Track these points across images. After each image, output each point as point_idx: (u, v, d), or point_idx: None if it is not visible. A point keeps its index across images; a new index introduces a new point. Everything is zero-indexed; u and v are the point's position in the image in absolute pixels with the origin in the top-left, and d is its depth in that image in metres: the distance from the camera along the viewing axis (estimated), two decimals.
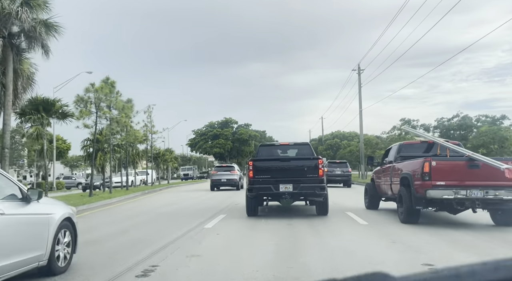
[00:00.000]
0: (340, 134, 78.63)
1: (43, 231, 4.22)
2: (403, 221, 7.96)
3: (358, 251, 5.41)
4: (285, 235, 6.71)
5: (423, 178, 7.28)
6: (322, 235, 6.84)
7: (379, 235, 6.73)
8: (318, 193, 8.63)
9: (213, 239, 6.55)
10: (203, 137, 78.83)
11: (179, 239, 6.59)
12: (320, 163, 8.79)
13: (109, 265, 4.74)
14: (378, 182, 10.37)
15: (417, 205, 7.54)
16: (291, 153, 10.75)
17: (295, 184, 8.60)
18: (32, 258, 4.04)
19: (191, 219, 9.22)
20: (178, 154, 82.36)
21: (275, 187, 8.64)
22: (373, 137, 48.72)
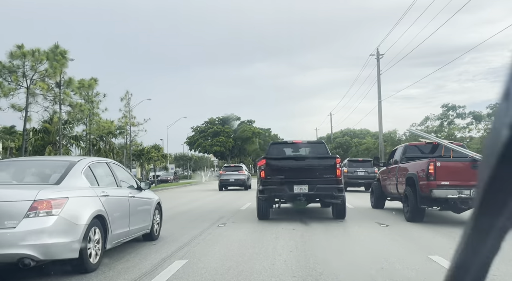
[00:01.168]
0: (350, 131, 74.22)
1: (149, 209, 6.37)
2: (409, 220, 8.36)
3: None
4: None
5: (428, 178, 7.71)
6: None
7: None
8: (335, 195, 8.35)
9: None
10: (202, 134, 74.15)
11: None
12: (337, 163, 8.51)
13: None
14: (384, 182, 10.83)
15: (422, 204, 7.97)
16: (304, 152, 10.33)
17: (310, 185, 8.27)
18: (144, 227, 6.08)
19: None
20: (178, 153, 78.41)
21: (289, 188, 8.31)
22: (393, 131, 45.22)
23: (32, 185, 4.37)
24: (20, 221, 3.82)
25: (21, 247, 3.76)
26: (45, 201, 3.94)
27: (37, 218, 3.87)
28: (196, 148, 74.42)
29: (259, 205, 8.80)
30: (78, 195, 4.35)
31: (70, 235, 4.06)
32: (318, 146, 10.26)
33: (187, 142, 75.55)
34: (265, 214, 8.80)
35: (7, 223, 3.80)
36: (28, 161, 5.63)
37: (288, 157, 9.32)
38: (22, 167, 5.10)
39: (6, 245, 3.74)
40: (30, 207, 3.87)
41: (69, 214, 4.09)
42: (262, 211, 8.78)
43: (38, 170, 4.94)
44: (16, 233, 3.77)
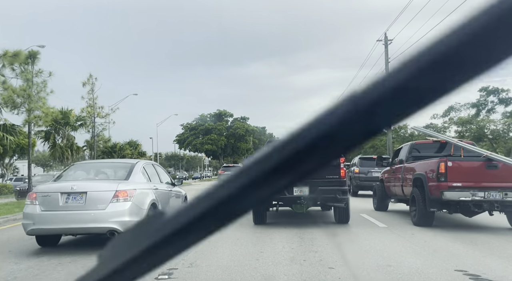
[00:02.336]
0: None
1: (180, 201, 8.44)
2: (417, 224, 8.31)
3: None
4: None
5: (439, 179, 7.60)
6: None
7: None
8: (339, 197, 8.22)
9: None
10: (193, 132, 74.04)
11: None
12: (341, 162, 8.44)
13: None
14: (388, 182, 10.85)
15: (432, 207, 7.89)
16: None
17: (312, 187, 8.15)
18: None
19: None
20: (170, 152, 79.53)
21: (288, 190, 7.87)
22: (403, 126, 44.50)
23: (112, 180, 6.52)
24: (107, 205, 5.97)
25: (110, 223, 5.91)
26: (123, 191, 6.09)
27: (118, 203, 6.02)
28: (186, 146, 74.30)
29: (254, 210, 8.46)
30: (141, 187, 6.52)
31: (138, 216, 6.20)
32: None
33: (176, 140, 75.48)
34: (261, 219, 8.74)
35: (99, 206, 5.95)
36: (99, 163, 7.83)
37: None
38: (96, 167, 7.28)
39: (100, 221, 5.89)
40: (113, 195, 6.02)
41: (138, 201, 6.25)
42: (258, 215, 8.68)
43: (108, 169, 7.11)
44: (106, 213, 5.92)
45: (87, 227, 5.92)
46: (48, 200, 5.97)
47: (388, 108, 0.37)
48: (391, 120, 0.38)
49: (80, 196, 5.95)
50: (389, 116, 0.38)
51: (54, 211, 5.93)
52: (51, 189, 6.07)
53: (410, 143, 10.66)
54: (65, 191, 5.99)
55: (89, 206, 5.91)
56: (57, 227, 5.94)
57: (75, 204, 5.94)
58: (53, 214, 5.91)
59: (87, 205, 5.91)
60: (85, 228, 5.94)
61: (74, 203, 5.94)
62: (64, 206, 5.94)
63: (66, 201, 5.95)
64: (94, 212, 5.89)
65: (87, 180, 6.52)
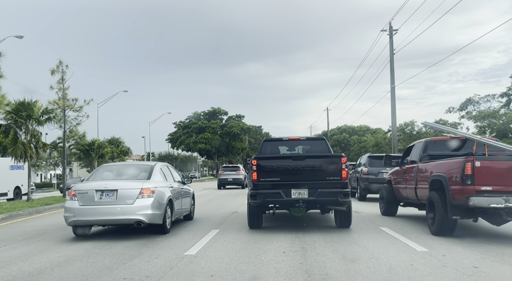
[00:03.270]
0: (348, 128, 77.99)
1: (189, 197, 10.46)
2: (435, 233, 7.70)
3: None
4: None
5: (464, 182, 6.87)
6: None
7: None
8: (341, 200, 8.01)
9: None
10: (186, 130, 74.28)
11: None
12: (343, 162, 8.18)
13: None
14: (398, 184, 10.39)
15: (454, 215, 7.21)
16: (303, 150, 10.28)
17: (311, 189, 8.01)
18: (187, 209, 10.15)
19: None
20: (163, 152, 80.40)
21: (286, 193, 8.05)
22: (410, 123, 43.74)
23: (137, 180, 8.21)
24: (135, 200, 7.67)
25: (137, 215, 7.61)
26: (147, 189, 7.79)
27: (143, 199, 7.71)
28: (179, 145, 74.53)
29: (250, 212, 8.62)
30: (161, 186, 8.23)
31: (159, 210, 7.91)
32: (319, 143, 10.11)
33: (169, 140, 75.94)
34: (257, 223, 8.69)
35: (128, 201, 7.65)
36: (122, 165, 9.59)
37: (285, 156, 8.90)
38: (119, 169, 9.00)
39: (129, 213, 7.59)
40: (139, 192, 7.72)
41: (158, 197, 7.95)
42: (253, 219, 8.64)
43: (131, 170, 8.82)
44: (134, 207, 7.62)
45: (118, 219, 7.64)
46: (85, 197, 7.69)
47: None
48: None
49: (112, 193, 7.67)
50: None
51: (90, 205, 7.64)
52: (88, 187, 7.78)
53: (425, 140, 9.78)
54: (99, 189, 7.71)
55: (119, 201, 7.63)
56: (93, 218, 7.65)
57: (108, 199, 7.65)
58: (90, 208, 7.63)
59: (118, 201, 7.63)
60: (117, 219, 7.66)
61: (107, 199, 7.65)
62: (98, 201, 7.65)
63: (100, 197, 7.67)
64: (123, 206, 7.61)
65: (117, 180, 8.24)
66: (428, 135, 40.35)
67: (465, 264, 5.42)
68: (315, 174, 8.11)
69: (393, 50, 28.80)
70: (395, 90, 29.01)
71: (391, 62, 28.84)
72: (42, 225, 10.50)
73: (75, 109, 22.05)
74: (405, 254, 6.02)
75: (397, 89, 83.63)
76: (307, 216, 10.38)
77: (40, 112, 19.47)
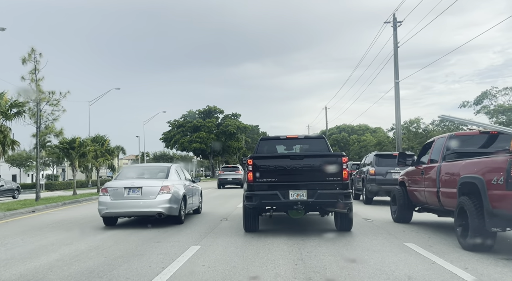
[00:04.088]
0: (347, 127, 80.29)
1: (198, 194, 13.02)
2: (468, 248, 6.74)
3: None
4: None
5: (510, 185, 5.91)
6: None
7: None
8: (342, 202, 8.02)
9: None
10: (180, 129, 75.72)
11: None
12: (344, 162, 8.16)
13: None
14: (413, 186, 9.65)
15: (494, 226, 6.27)
16: (301, 149, 10.45)
17: (310, 191, 8.03)
18: (196, 204, 12.54)
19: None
20: (158, 152, 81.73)
21: (284, 194, 8.06)
22: (416, 120, 44.01)
23: (157, 179, 10.39)
24: (156, 195, 9.85)
25: (158, 208, 9.79)
26: (165, 186, 9.97)
27: (163, 194, 9.89)
28: (173, 145, 75.98)
29: (246, 215, 8.67)
30: (177, 183, 10.42)
31: (176, 203, 10.10)
32: (318, 142, 10.16)
33: (163, 139, 77.38)
34: (253, 226, 8.75)
35: (151, 196, 9.83)
36: (143, 166, 11.82)
37: (282, 156, 8.94)
38: (141, 169, 11.21)
39: (151, 207, 9.77)
40: (160, 189, 9.90)
41: (175, 193, 10.14)
42: (249, 222, 8.71)
43: (151, 171, 11.02)
44: (156, 201, 9.81)
45: (143, 211, 9.83)
46: (116, 193, 9.87)
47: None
48: None
49: (138, 189, 9.85)
50: None
51: (120, 200, 9.83)
52: (118, 185, 9.96)
53: (448, 134, 8.89)
54: (127, 186, 9.89)
55: (144, 196, 9.81)
56: (123, 210, 9.84)
57: (134, 195, 9.83)
58: (120, 202, 9.81)
59: (143, 196, 9.81)
60: (142, 211, 9.85)
61: (134, 195, 9.83)
62: (126, 196, 9.83)
63: (128, 193, 9.85)
64: (147, 200, 9.79)
65: (141, 179, 10.44)
66: (436, 133, 40.23)
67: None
68: (314, 174, 8.11)
69: (397, 43, 28.47)
70: (399, 85, 28.66)
71: (395, 56, 28.58)
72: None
73: (51, 102, 20.98)
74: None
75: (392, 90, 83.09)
76: (306, 218, 10.62)
77: (8, 105, 18.44)
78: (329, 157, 8.47)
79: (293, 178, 8.15)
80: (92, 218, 11.94)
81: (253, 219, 8.72)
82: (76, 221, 12.06)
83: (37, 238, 8.88)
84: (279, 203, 8.17)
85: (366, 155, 18.38)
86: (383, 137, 54.19)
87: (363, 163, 17.87)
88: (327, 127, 68.20)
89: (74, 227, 10.66)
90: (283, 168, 8.22)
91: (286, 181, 8.13)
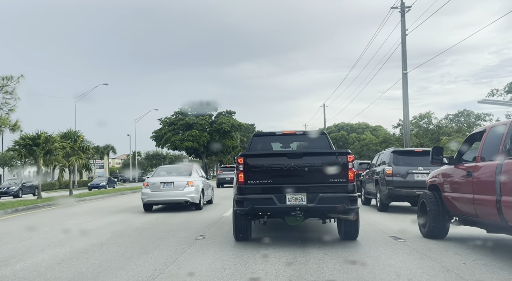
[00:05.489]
0: (346, 125, 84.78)
1: (211, 188, 18.73)
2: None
3: None
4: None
5: None
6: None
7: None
8: (347, 208, 7.62)
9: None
10: (171, 127, 76.83)
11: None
12: (350, 161, 7.78)
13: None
14: (453, 192, 8.26)
15: None
16: (300, 147, 10.35)
17: (310, 194, 7.66)
18: (209, 196, 18.18)
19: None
20: (151, 151, 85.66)
21: (280, 198, 7.68)
22: (427, 114, 44.92)
23: (183, 176, 15.47)
24: (184, 188, 14.94)
25: (185, 197, 14.93)
26: (190, 181, 15.08)
27: (189, 187, 14.99)
28: (164, 144, 77.14)
29: (236, 222, 8.35)
30: (198, 179, 15.56)
31: (197, 194, 15.20)
32: (318, 138, 9.86)
33: (153, 137, 78.36)
34: (244, 234, 8.43)
35: (180, 189, 14.94)
36: (172, 167, 17.16)
37: (278, 153, 8.50)
38: (171, 169, 16.37)
39: (180, 196, 14.90)
40: (186, 183, 14.98)
41: (197, 186, 15.24)
42: (240, 230, 8.39)
43: (178, 170, 16.15)
44: (183, 192, 14.93)
45: (175, 199, 14.90)
46: (154, 186, 14.90)
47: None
48: None
49: (170, 184, 14.87)
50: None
51: (157, 191, 14.86)
52: (155, 180, 15.01)
53: (510, 121, 7.30)
54: (162, 181, 14.95)
55: (175, 189, 14.84)
56: (159, 199, 14.90)
57: (168, 188, 14.84)
58: (157, 193, 14.85)
59: (174, 188, 14.83)
60: (174, 199, 14.93)
61: (167, 187, 14.85)
62: (162, 189, 14.85)
63: (163, 186, 14.87)
64: (177, 191, 14.82)
65: (172, 176, 15.51)
66: (450, 129, 41.50)
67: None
68: (315, 175, 7.73)
69: (405, 31, 28.09)
70: (407, 77, 28.57)
71: (403, 45, 28.29)
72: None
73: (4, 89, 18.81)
74: None
75: (390, 89, 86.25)
76: (306, 224, 10.39)
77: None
78: (332, 156, 8.07)
79: (291, 180, 7.80)
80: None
81: (244, 227, 8.40)
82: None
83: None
84: (274, 209, 7.79)
85: (380, 153, 17.09)
86: (388, 134, 55.62)
87: (376, 162, 16.49)
88: (325, 125, 70.01)
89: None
90: (279, 168, 7.84)
91: (283, 183, 7.77)
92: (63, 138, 29.90)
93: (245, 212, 7.93)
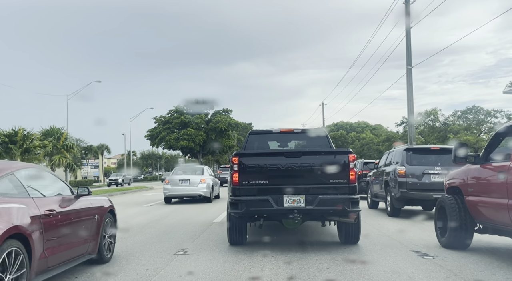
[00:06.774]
0: (345, 124, 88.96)
1: (218, 185, 24.77)
2: None
3: None
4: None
5: None
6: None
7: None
8: (348, 210, 7.69)
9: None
10: (166, 126, 78.51)
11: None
12: (351, 160, 7.83)
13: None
14: (479, 196, 7.60)
15: None
16: (298, 146, 10.51)
17: (309, 196, 7.72)
18: (217, 192, 24.07)
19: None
20: (146, 151, 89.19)
21: (277, 200, 7.77)
22: (433, 111, 45.47)
23: (197, 174, 21.00)
24: (198, 184, 20.45)
25: (200, 191, 20.48)
26: (203, 179, 20.64)
27: (202, 184, 20.50)
28: (159, 143, 79.10)
29: (230, 225, 8.43)
30: (208, 177, 21.18)
31: (208, 189, 20.70)
32: (318, 136, 9.96)
33: (148, 136, 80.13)
34: (239, 238, 8.51)
35: (194, 185, 20.50)
36: (188, 166, 23.89)
37: (275, 152, 8.52)
38: (187, 168, 22.12)
39: (195, 191, 20.46)
40: (200, 181, 20.44)
41: (208, 183, 20.76)
42: (234, 233, 8.46)
43: (193, 169, 21.75)
44: (198, 187, 20.50)
45: (190, 193, 20.39)
46: (174, 182, 20.36)
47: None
48: None
49: (187, 181, 20.24)
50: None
51: (176, 187, 20.28)
52: (175, 178, 20.47)
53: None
54: (181, 178, 20.39)
55: (191, 185, 20.28)
56: (178, 193, 20.41)
57: (185, 184, 20.25)
58: (176, 188, 20.32)
59: (190, 184, 20.26)
60: (189, 193, 20.41)
61: (185, 184, 20.25)
62: (180, 185, 20.28)
63: (181, 183, 20.27)
64: (192, 187, 20.27)
65: (188, 174, 21.02)
66: (458, 127, 42.07)
67: None
68: (314, 175, 7.82)
69: (409, 23, 28.21)
70: (412, 72, 28.68)
71: (407, 38, 28.29)
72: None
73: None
74: None
75: (388, 89, 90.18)
76: (305, 227, 10.61)
77: None
78: (332, 155, 8.20)
79: (289, 180, 7.87)
80: None
81: (239, 230, 8.51)
82: None
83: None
84: (271, 211, 7.90)
85: (389, 151, 16.42)
86: (392, 133, 57.30)
87: (385, 161, 15.83)
88: (324, 124, 71.15)
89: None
90: (276, 168, 7.91)
91: (280, 184, 7.84)
92: (45, 136, 29.22)
93: (240, 214, 8.00)
